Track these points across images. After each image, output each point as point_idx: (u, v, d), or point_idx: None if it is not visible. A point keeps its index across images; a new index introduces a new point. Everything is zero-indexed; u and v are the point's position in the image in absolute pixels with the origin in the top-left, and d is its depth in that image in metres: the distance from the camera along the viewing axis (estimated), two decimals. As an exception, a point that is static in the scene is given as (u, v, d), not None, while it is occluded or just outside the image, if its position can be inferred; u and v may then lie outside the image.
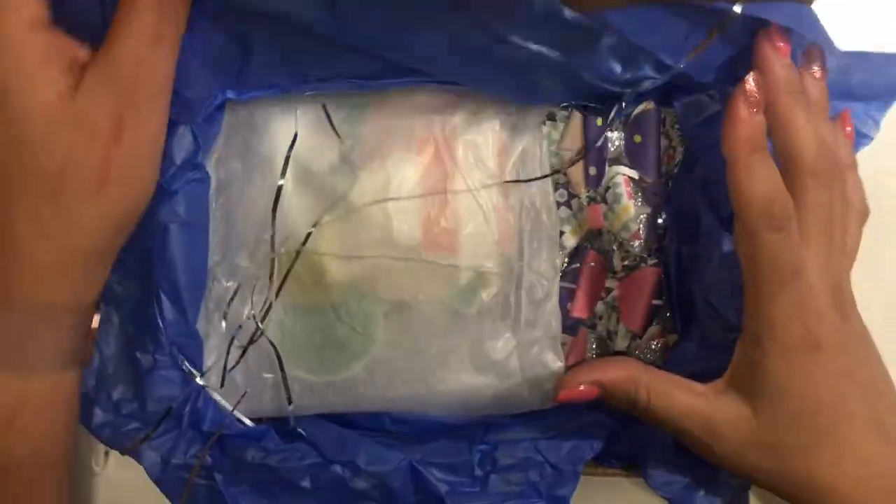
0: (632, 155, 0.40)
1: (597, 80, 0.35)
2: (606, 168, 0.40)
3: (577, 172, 0.40)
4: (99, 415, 0.37)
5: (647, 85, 0.35)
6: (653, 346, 0.41)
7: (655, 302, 0.41)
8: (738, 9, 0.31)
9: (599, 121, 0.40)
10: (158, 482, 0.37)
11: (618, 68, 0.34)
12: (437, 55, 0.34)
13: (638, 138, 0.40)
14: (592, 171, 0.40)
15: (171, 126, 0.36)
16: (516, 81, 0.35)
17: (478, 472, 0.37)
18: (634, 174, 0.40)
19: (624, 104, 0.38)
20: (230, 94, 0.36)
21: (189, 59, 0.33)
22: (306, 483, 0.37)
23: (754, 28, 0.32)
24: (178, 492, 0.37)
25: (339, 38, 0.33)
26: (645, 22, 0.32)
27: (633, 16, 0.31)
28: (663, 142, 0.40)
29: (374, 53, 0.34)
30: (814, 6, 0.32)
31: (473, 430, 0.39)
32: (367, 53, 0.34)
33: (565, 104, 0.40)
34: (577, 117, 0.40)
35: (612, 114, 0.39)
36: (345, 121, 0.39)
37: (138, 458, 0.37)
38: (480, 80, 0.36)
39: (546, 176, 0.39)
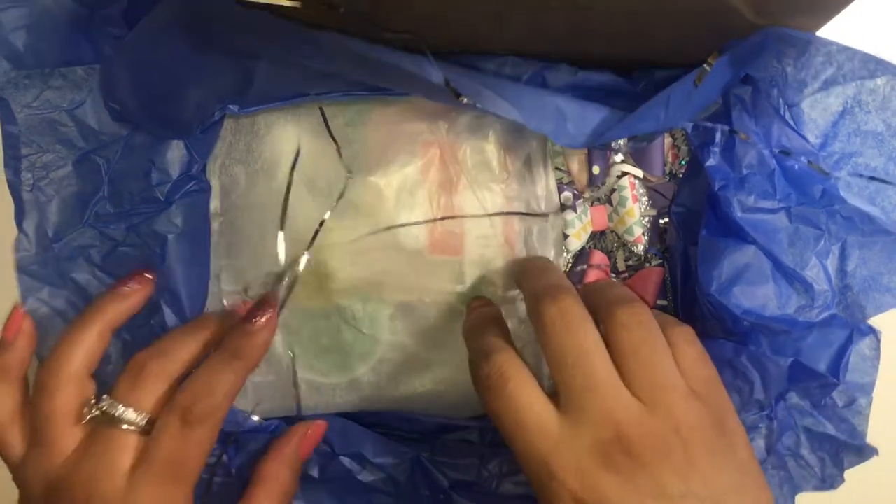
0: (636, 153, 0.40)
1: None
2: (610, 167, 0.40)
3: (581, 172, 0.40)
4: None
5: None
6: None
7: (660, 302, 0.41)
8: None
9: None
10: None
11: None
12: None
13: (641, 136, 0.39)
14: (596, 169, 0.40)
15: (165, 141, 0.35)
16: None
17: (484, 472, 0.38)
18: (639, 172, 0.40)
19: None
20: (231, 108, 0.35)
21: (187, 84, 0.32)
22: (315, 473, 0.38)
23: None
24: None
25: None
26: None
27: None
28: (667, 140, 0.40)
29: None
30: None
31: (479, 431, 0.40)
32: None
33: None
34: (581, 116, 0.39)
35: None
36: (348, 125, 0.38)
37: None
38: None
39: (547, 214, 0.39)
